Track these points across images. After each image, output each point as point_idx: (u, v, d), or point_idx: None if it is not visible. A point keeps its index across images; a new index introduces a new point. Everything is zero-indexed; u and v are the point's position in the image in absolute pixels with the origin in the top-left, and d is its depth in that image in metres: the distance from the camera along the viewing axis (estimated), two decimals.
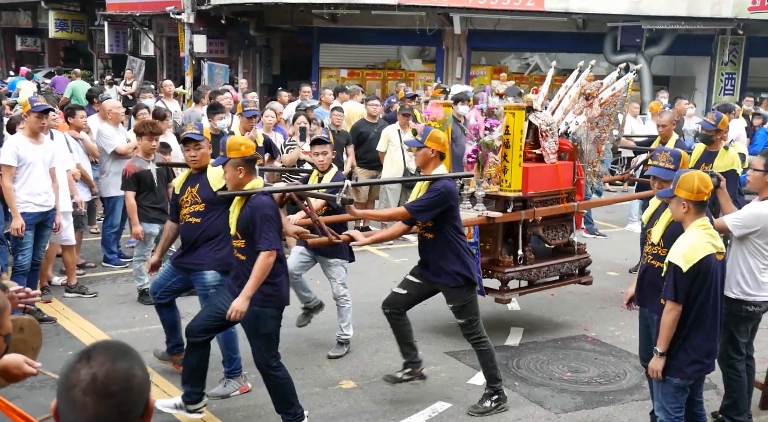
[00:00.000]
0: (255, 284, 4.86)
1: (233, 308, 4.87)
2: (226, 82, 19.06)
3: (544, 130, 6.82)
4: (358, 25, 20.71)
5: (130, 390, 1.79)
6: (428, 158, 5.51)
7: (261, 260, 4.85)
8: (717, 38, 18.73)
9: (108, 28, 24.38)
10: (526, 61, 22.92)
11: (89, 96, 13.00)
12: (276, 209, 5.00)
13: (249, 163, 5.01)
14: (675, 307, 4.34)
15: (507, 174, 6.52)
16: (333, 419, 5.43)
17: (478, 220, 6.42)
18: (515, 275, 6.80)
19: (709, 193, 4.41)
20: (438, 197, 5.32)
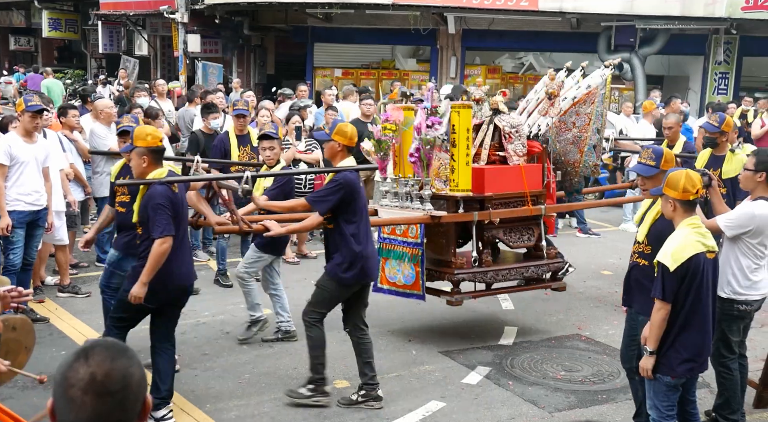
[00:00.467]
0: (149, 271, 5.07)
1: (131, 295, 5.11)
2: (220, 82, 19.02)
3: (507, 132, 6.70)
4: (352, 24, 20.70)
5: (129, 388, 1.79)
6: (335, 150, 5.71)
7: (155, 247, 5.04)
8: (710, 38, 18.77)
9: (102, 28, 24.31)
10: (521, 61, 22.94)
11: (82, 95, 12.97)
12: (168, 197, 5.12)
13: (154, 153, 5.22)
14: (663, 306, 4.36)
15: (454, 173, 6.37)
16: (327, 418, 5.43)
17: (422, 219, 6.37)
18: (467, 276, 6.65)
19: (696, 192, 4.41)
20: (335, 188, 5.48)
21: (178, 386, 5.82)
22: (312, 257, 9.61)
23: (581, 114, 7.04)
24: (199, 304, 7.73)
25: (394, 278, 6.76)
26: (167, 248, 5.06)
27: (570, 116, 7.04)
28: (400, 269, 6.69)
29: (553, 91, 6.96)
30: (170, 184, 5.21)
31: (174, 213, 5.14)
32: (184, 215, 5.36)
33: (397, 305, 7.79)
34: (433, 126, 6.34)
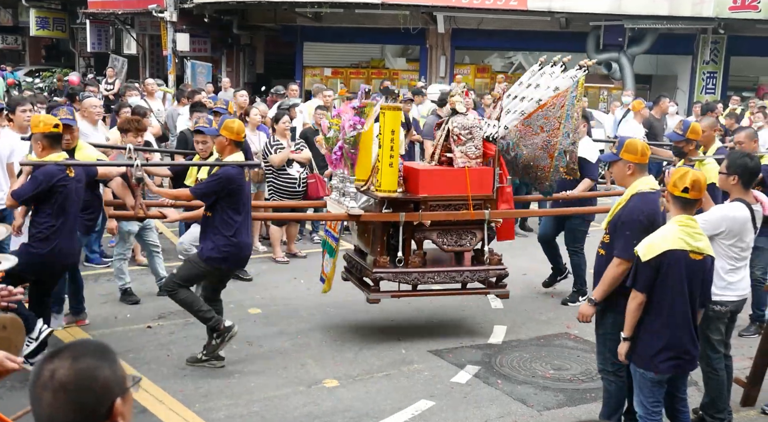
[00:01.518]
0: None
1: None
2: (208, 81, 18.98)
3: (456, 134, 6.60)
4: (341, 23, 20.70)
5: (90, 388, 1.76)
6: (223, 145, 6.16)
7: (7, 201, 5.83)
8: (698, 37, 18.87)
9: (90, 27, 24.20)
10: (510, 60, 22.99)
11: (70, 94, 12.92)
12: (51, 175, 5.69)
13: (47, 138, 5.78)
14: (636, 295, 4.45)
15: (378, 174, 6.35)
16: (317, 418, 5.42)
17: (340, 216, 6.62)
18: (386, 276, 6.59)
19: (685, 192, 4.46)
20: (215, 183, 5.95)
21: (167, 386, 5.82)
22: (302, 257, 9.60)
23: (550, 118, 6.80)
24: None
25: (327, 269, 7.07)
26: (14, 206, 5.83)
27: (537, 120, 6.81)
28: (328, 260, 7.06)
29: (496, 94, 6.97)
30: (66, 167, 5.78)
31: (58, 194, 5.71)
32: (73, 200, 5.88)
33: (386, 304, 7.80)
34: (354, 126, 6.48)
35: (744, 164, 5.22)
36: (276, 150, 9.20)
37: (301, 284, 7.96)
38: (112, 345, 5.34)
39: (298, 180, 9.24)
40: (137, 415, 5.35)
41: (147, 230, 7.84)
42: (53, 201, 5.76)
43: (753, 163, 5.27)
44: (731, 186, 5.27)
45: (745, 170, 5.22)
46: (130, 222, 7.56)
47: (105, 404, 1.78)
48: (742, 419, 5.57)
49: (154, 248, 7.92)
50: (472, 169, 6.64)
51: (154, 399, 5.60)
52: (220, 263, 6.06)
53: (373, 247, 6.70)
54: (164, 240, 10.23)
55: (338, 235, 6.93)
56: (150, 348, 6.61)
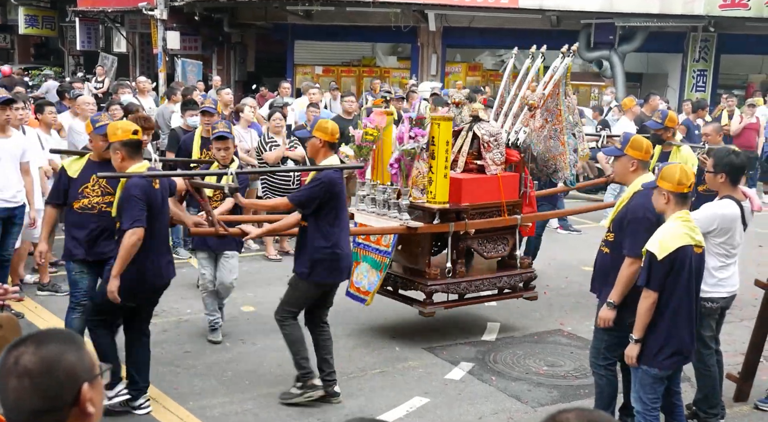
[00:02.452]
0: (120, 264, 4.95)
1: (108, 291, 4.99)
2: (199, 79, 18.92)
3: (486, 141, 6.65)
4: (332, 21, 20.66)
5: (53, 374, 1.75)
6: (317, 148, 5.57)
7: (124, 239, 4.93)
8: (689, 35, 18.93)
9: (79, 25, 24.10)
10: (501, 58, 23.02)
11: (60, 92, 12.85)
12: (144, 191, 5.01)
13: (126, 147, 5.10)
14: (650, 294, 4.41)
15: (432, 185, 6.29)
16: (311, 415, 5.42)
17: (397, 229, 6.28)
18: (440, 288, 6.56)
19: (691, 186, 4.49)
20: (318, 187, 5.35)
21: (161, 384, 5.80)
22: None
23: (551, 109, 6.95)
24: (181, 302, 7.69)
25: (359, 284, 6.73)
26: (137, 241, 4.94)
27: (541, 115, 6.97)
28: (368, 275, 6.65)
29: (533, 103, 6.87)
30: (151, 178, 5.11)
31: (150, 207, 5.03)
32: (163, 212, 5.24)
33: (379, 302, 7.79)
34: (415, 137, 6.29)
35: (730, 162, 5.25)
36: (270, 147, 9.18)
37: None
38: None
39: (292, 178, 9.22)
40: (131, 413, 5.33)
41: None
42: None
43: (739, 159, 5.28)
44: (720, 184, 5.29)
45: (732, 167, 5.24)
46: None
47: (70, 390, 1.77)
48: (735, 414, 5.60)
49: None
50: (504, 175, 6.71)
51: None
52: (322, 278, 5.49)
53: (421, 259, 6.59)
54: None
55: (390, 249, 6.47)
56: None
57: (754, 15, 17.24)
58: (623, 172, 5.02)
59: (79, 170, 5.72)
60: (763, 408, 5.65)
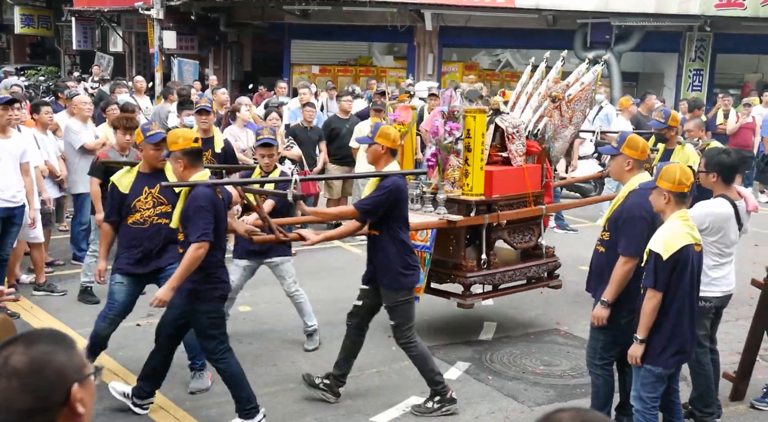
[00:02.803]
0: (180, 275, 4.85)
1: (156, 297, 4.95)
2: (195, 79, 18.91)
3: (510, 133, 6.71)
4: (329, 21, 20.67)
5: (43, 374, 1.76)
6: (378, 154, 5.43)
7: (190, 251, 4.81)
8: (685, 35, 18.96)
9: (75, 24, 24.07)
10: (497, 58, 23.03)
11: (54, 91, 12.83)
12: (213, 202, 4.90)
13: (188, 155, 4.98)
14: (655, 295, 4.40)
15: (468, 178, 6.37)
16: (308, 414, 5.41)
17: (438, 223, 6.32)
18: (478, 279, 6.65)
19: (690, 185, 4.51)
20: (385, 194, 5.25)
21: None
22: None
23: (577, 111, 7.10)
24: None
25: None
26: (202, 254, 4.82)
27: (566, 112, 7.08)
28: None
29: (558, 94, 6.92)
30: (216, 187, 5.01)
31: (215, 218, 4.91)
32: (225, 221, 5.12)
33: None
34: (451, 131, 6.34)
35: (720, 161, 5.25)
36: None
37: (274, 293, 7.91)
38: None
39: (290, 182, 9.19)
40: (127, 413, 5.33)
41: None
42: None
43: (730, 158, 5.27)
44: (712, 184, 5.30)
45: (723, 167, 5.24)
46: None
47: (60, 390, 1.77)
48: (731, 413, 5.60)
49: None
50: (529, 166, 6.82)
51: None
52: (412, 282, 5.42)
53: (457, 252, 6.62)
54: None
55: (429, 243, 6.44)
56: (140, 346, 6.56)
57: (749, 14, 17.29)
58: (619, 171, 5.03)
59: (130, 185, 5.64)
60: (760, 407, 5.66)
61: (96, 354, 5.76)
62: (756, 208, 5.39)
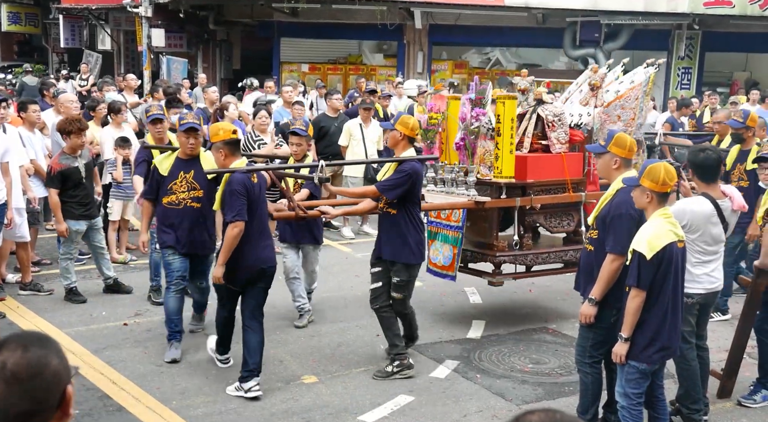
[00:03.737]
0: (225, 254, 5.44)
1: (213, 276, 5.60)
2: (184, 77, 18.83)
3: (550, 121, 6.96)
4: (318, 19, 20.62)
5: (42, 377, 1.77)
6: (397, 140, 6.00)
7: (228, 231, 5.39)
8: (673, 33, 19.01)
9: (63, 22, 23.92)
10: (487, 56, 23.04)
11: (40, 89, 12.74)
12: (245, 185, 5.45)
13: (228, 145, 5.57)
14: (639, 293, 4.42)
15: (498, 161, 6.65)
16: (295, 414, 5.40)
17: (466, 204, 6.64)
18: (508, 259, 6.96)
19: (674, 185, 4.51)
20: (405, 177, 5.79)
21: (144, 383, 5.77)
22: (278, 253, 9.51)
23: (626, 108, 7.26)
24: None
25: (436, 259, 7.09)
26: (239, 233, 5.39)
27: (615, 109, 7.25)
28: (442, 250, 7.01)
29: (596, 82, 7.15)
30: (251, 173, 5.59)
31: (249, 200, 5.46)
32: (261, 202, 5.66)
33: (364, 299, 7.77)
34: (477, 117, 6.66)
35: (693, 159, 5.28)
36: (259, 146, 9.14)
37: (279, 281, 7.88)
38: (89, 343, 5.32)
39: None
40: (114, 413, 5.30)
41: (93, 231, 7.67)
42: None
43: (702, 157, 5.25)
44: (694, 181, 5.32)
45: (695, 165, 5.25)
46: (78, 222, 7.45)
47: (57, 392, 1.80)
48: (718, 410, 5.62)
49: (99, 250, 7.77)
50: (568, 154, 7.03)
51: (131, 397, 5.55)
52: (419, 260, 6.02)
53: (489, 232, 6.97)
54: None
55: (461, 223, 6.81)
56: (126, 345, 6.55)
57: (738, 13, 17.34)
58: (606, 169, 5.03)
59: (168, 168, 6.20)
60: (747, 404, 5.68)
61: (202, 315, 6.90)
62: (743, 207, 5.37)
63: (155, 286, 7.58)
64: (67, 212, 7.41)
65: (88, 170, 7.55)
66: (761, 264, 5.46)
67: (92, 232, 7.63)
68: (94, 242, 7.70)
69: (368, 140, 10.21)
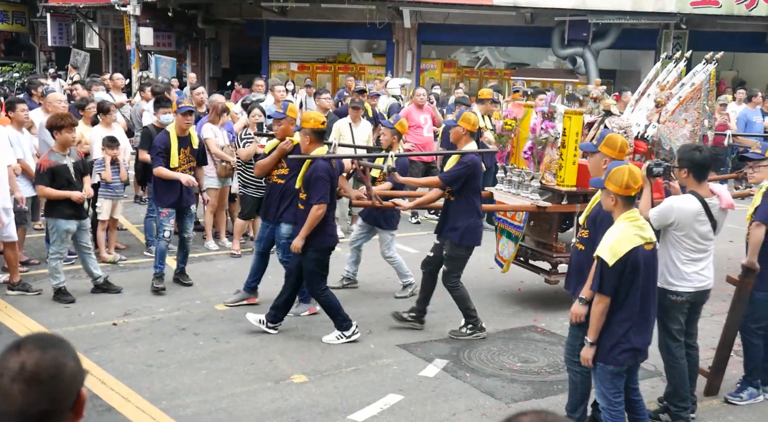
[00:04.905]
0: (307, 229, 6.35)
1: (292, 246, 6.44)
2: (173, 76, 18.77)
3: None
4: (308, 18, 20.60)
5: (60, 379, 1.79)
6: (460, 135, 6.73)
7: (312, 211, 6.31)
8: (661, 32, 19.11)
9: (51, 20, 23.79)
10: (476, 55, 23.08)
11: (27, 87, 12.66)
12: (329, 172, 6.36)
13: (315, 133, 6.48)
14: (602, 299, 4.47)
15: (562, 170, 7.22)
16: (284, 413, 5.40)
17: (529, 207, 7.34)
18: (564, 260, 7.31)
19: (638, 188, 4.52)
20: (465, 169, 6.55)
21: (133, 383, 5.76)
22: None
23: (690, 110, 7.65)
24: (154, 300, 7.64)
25: (503, 253, 7.92)
26: (322, 214, 6.31)
27: (680, 114, 7.62)
28: (507, 246, 7.83)
29: (661, 100, 7.66)
30: (330, 160, 6.45)
31: (331, 186, 6.37)
32: (335, 188, 6.54)
33: (354, 299, 7.80)
34: (546, 129, 7.36)
35: (692, 158, 5.27)
36: (245, 144, 9.12)
37: (269, 280, 7.89)
38: (77, 343, 5.28)
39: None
40: (103, 413, 5.29)
41: (81, 231, 7.64)
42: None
43: (701, 155, 5.28)
44: (684, 180, 5.34)
45: (694, 164, 5.26)
46: (68, 221, 7.43)
47: (73, 393, 1.82)
48: (705, 408, 5.66)
49: (86, 250, 7.73)
50: (633, 163, 7.18)
51: (120, 398, 5.54)
52: (474, 242, 6.75)
53: (549, 234, 7.59)
54: (129, 237, 10.12)
55: (522, 224, 7.54)
56: (116, 345, 6.53)
57: (724, 12, 17.45)
58: (596, 168, 5.06)
59: (271, 148, 7.17)
60: (733, 401, 5.72)
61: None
62: (731, 205, 5.41)
63: (158, 273, 7.98)
64: (58, 211, 7.38)
65: (77, 169, 7.52)
66: (748, 263, 5.49)
67: (80, 232, 7.61)
68: (81, 243, 7.67)
69: (358, 139, 10.21)
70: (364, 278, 8.48)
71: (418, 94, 11.51)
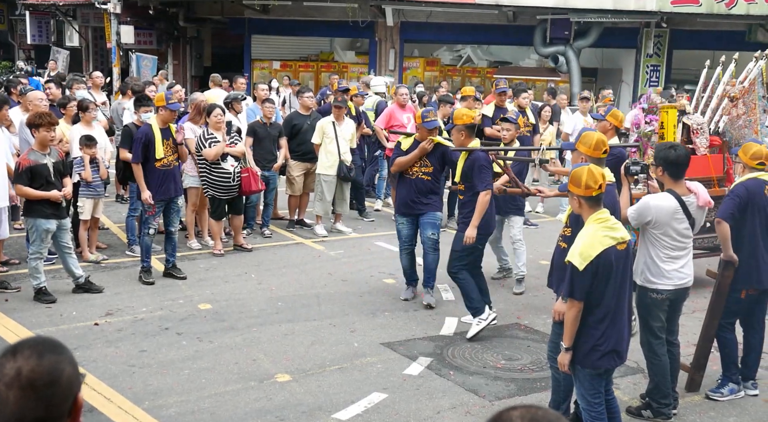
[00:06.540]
0: (479, 217, 6.75)
1: (467, 236, 6.75)
2: (154, 75, 18.66)
3: (695, 128, 8.09)
4: (290, 16, 20.55)
5: (57, 384, 1.76)
6: (606, 129, 7.12)
7: (481, 197, 6.74)
8: (642, 31, 19.23)
9: (30, 18, 23.60)
10: (459, 53, 23.12)
11: (6, 86, 12.54)
12: (490, 161, 6.86)
13: (468, 128, 6.94)
14: (574, 304, 4.46)
15: None
16: (269, 412, 5.39)
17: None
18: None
19: (601, 187, 4.48)
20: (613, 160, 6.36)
21: (115, 383, 5.72)
22: (247, 250, 9.47)
23: (746, 103, 8.26)
24: (137, 300, 7.59)
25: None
26: (489, 199, 6.78)
27: (738, 109, 8.20)
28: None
29: (736, 94, 8.14)
30: (488, 151, 6.94)
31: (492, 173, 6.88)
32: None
33: (338, 297, 7.79)
34: (650, 122, 7.90)
35: (666, 156, 5.29)
36: (210, 144, 9.01)
37: (252, 279, 7.89)
38: None
39: (232, 174, 9.08)
40: (85, 414, 5.23)
41: (61, 231, 7.57)
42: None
43: (675, 154, 5.30)
44: (660, 177, 5.38)
45: (668, 162, 5.28)
46: (48, 221, 7.36)
47: (70, 399, 1.80)
48: (686, 404, 5.70)
49: (67, 250, 7.66)
50: (712, 155, 8.17)
51: (102, 398, 5.50)
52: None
53: None
54: (111, 236, 10.05)
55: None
56: (97, 345, 6.49)
57: (705, 11, 17.58)
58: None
59: (408, 146, 7.59)
60: (714, 397, 5.77)
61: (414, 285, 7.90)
62: (709, 203, 5.44)
63: (146, 267, 8.14)
64: (38, 211, 7.31)
65: (56, 169, 7.46)
66: (726, 257, 5.54)
67: (60, 232, 7.54)
68: (61, 242, 7.60)
69: (341, 138, 10.20)
70: (347, 277, 8.48)
71: (401, 94, 11.50)
